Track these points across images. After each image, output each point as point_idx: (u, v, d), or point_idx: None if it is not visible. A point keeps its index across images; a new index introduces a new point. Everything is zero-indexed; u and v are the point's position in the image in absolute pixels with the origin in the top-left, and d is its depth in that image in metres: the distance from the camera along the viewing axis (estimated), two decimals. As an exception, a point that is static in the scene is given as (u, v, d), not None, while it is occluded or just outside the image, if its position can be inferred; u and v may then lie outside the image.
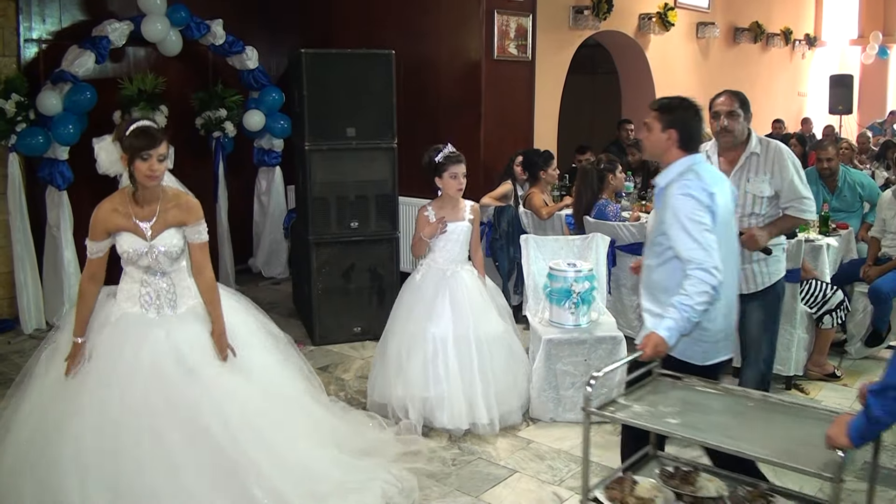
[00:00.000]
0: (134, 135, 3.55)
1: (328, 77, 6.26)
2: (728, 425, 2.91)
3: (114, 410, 3.48)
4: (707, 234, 3.25)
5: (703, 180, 3.36)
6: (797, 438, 2.69)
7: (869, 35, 15.91)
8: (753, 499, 2.88)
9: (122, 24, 7.13)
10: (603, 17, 8.56)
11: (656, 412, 2.92)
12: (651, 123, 3.53)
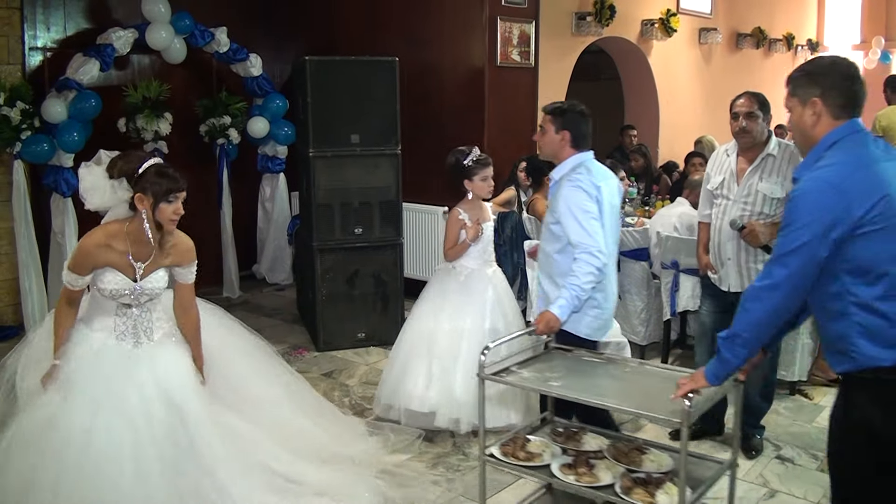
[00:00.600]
0: (157, 175, 3.44)
1: (332, 84, 6.28)
2: (602, 386, 3.32)
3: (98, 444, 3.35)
4: (593, 222, 3.69)
5: (593, 175, 3.79)
6: (660, 395, 2.99)
7: (871, 40, 15.90)
8: (629, 451, 3.24)
9: (127, 31, 7.16)
10: (605, 23, 8.57)
11: (542, 377, 3.31)
12: (546, 126, 3.90)
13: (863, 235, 2.45)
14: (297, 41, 9.00)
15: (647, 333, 6.28)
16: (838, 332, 2.57)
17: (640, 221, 6.54)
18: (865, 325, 2.50)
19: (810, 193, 2.51)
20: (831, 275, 2.52)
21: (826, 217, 2.45)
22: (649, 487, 2.96)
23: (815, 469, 4.44)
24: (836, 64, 2.70)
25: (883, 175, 2.49)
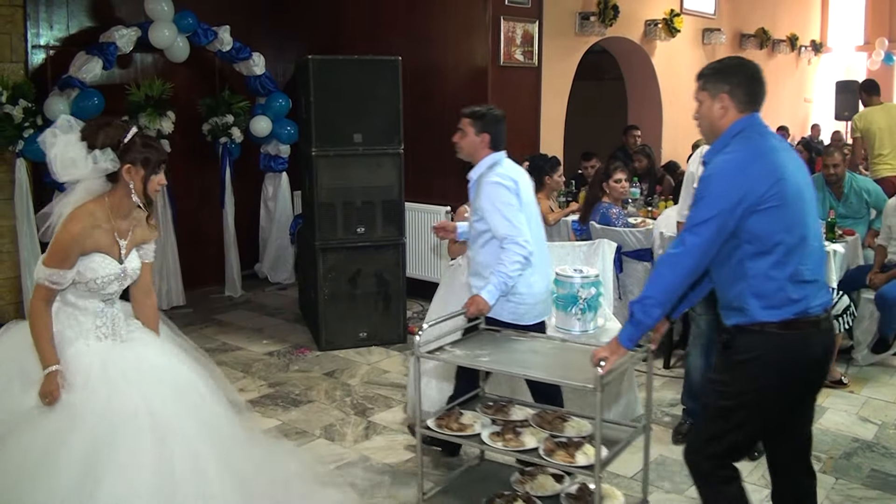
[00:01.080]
0: (145, 145, 3.22)
1: (335, 83, 6.27)
2: (527, 360, 3.62)
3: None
4: (517, 214, 3.98)
5: (510, 171, 4.09)
6: (579, 366, 3.28)
7: (875, 41, 15.88)
8: (553, 419, 3.54)
9: (130, 30, 7.15)
10: (609, 23, 8.56)
11: (472, 354, 3.59)
12: (465, 128, 4.22)
13: (761, 211, 2.84)
14: (299, 40, 9.00)
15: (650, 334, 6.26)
16: (737, 292, 2.97)
17: (644, 222, 6.53)
18: (758, 288, 2.90)
19: (720, 174, 2.91)
20: (734, 244, 2.91)
21: (732, 195, 2.84)
22: (570, 449, 3.27)
23: (817, 470, 4.40)
24: (744, 65, 3.10)
25: (779, 162, 2.92)
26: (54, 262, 3.13)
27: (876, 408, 5.33)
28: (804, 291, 2.92)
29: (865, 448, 4.73)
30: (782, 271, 2.88)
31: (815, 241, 2.99)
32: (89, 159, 3.14)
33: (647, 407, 3.72)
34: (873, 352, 6.08)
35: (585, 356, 3.26)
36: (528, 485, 3.68)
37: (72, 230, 3.13)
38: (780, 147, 2.99)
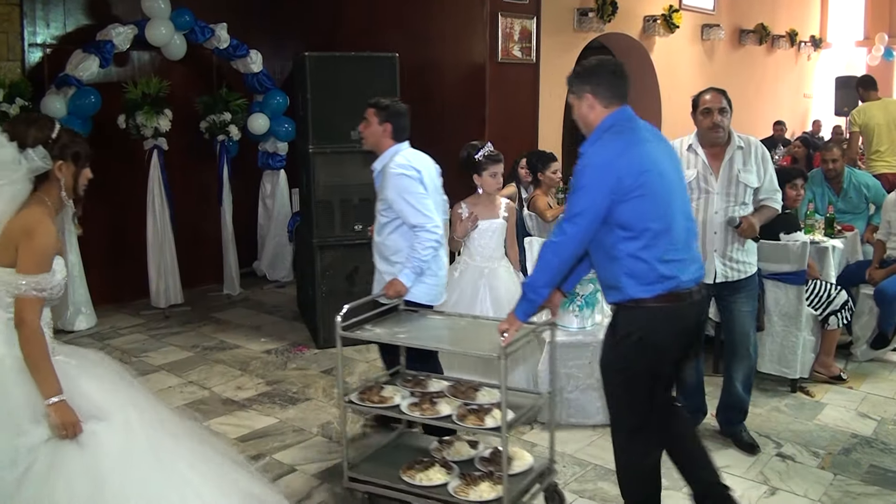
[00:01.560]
0: (72, 137, 3.06)
1: (332, 80, 6.25)
2: (440, 335, 4.04)
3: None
4: (425, 201, 4.24)
5: (412, 160, 4.32)
6: (488, 339, 3.61)
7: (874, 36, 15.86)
8: (466, 389, 3.91)
9: (127, 28, 7.14)
10: (607, 19, 8.55)
11: (391, 332, 3.92)
12: (370, 118, 4.47)
13: (631, 200, 3.11)
14: (297, 37, 8.99)
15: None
16: (612, 272, 3.27)
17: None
18: (631, 268, 3.19)
19: (593, 167, 3.18)
20: (607, 230, 3.18)
21: (605, 185, 3.11)
22: (480, 414, 3.62)
23: (815, 467, 4.42)
24: (602, 63, 3.39)
25: (645, 154, 3.18)
26: (39, 267, 2.89)
27: (875, 403, 5.32)
28: (674, 269, 3.22)
29: (864, 444, 4.71)
30: (651, 253, 3.16)
31: (683, 222, 3.27)
32: (23, 159, 2.92)
33: (553, 376, 4.15)
34: (872, 347, 6.07)
35: (492, 331, 3.55)
36: (446, 451, 4.01)
37: (49, 229, 2.93)
38: (650, 139, 3.26)
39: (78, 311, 7.09)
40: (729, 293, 4.56)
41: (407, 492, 3.75)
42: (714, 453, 4.53)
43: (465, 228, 5.02)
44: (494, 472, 3.75)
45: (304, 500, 4.12)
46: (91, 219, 7.43)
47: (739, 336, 4.62)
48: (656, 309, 3.21)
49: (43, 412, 2.84)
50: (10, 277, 2.87)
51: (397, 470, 3.84)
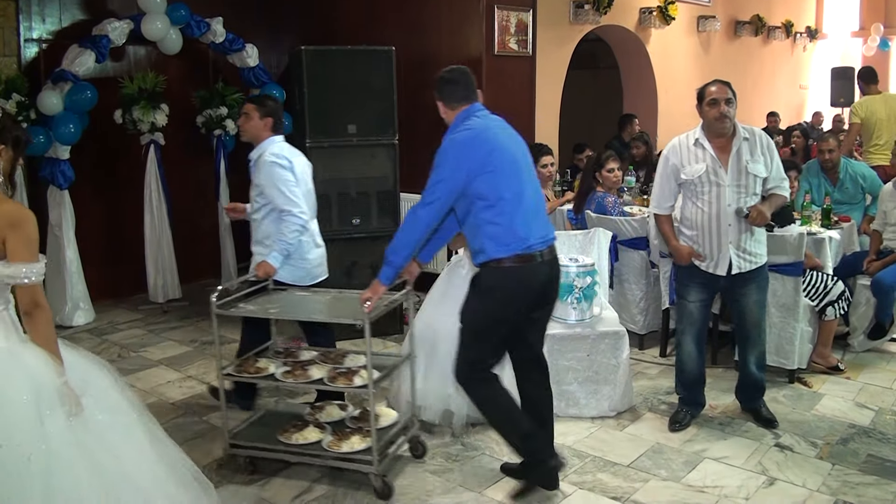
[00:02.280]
0: (13, 122, 3.04)
1: (328, 74, 6.25)
2: (310, 308, 4.48)
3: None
4: (294, 188, 4.62)
5: (285, 152, 4.70)
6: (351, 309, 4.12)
7: (870, 27, 15.86)
8: (335, 356, 4.40)
9: (122, 22, 7.12)
10: (603, 11, 8.54)
11: (262, 308, 4.31)
12: (251, 113, 4.78)
13: (485, 174, 3.68)
14: (293, 31, 8.97)
15: (646, 322, 6.28)
16: (477, 238, 3.80)
17: (640, 211, 6.53)
18: (490, 233, 3.73)
19: (452, 147, 3.75)
20: (469, 202, 3.74)
21: (461, 164, 3.69)
22: (348, 376, 4.10)
23: (814, 457, 4.43)
24: (442, 76, 3.94)
25: (495, 137, 3.78)
26: (35, 255, 2.91)
27: (872, 393, 5.33)
28: (526, 232, 3.74)
29: (862, 434, 4.73)
30: (507, 219, 3.70)
31: (532, 193, 3.84)
32: None
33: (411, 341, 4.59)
34: (870, 338, 6.08)
35: (356, 302, 4.01)
36: (318, 414, 4.39)
37: (33, 217, 2.93)
38: (496, 127, 3.86)
39: (76, 307, 7.09)
40: (741, 285, 4.63)
41: (285, 451, 4.16)
42: (713, 444, 4.58)
43: None
44: (363, 427, 4.20)
45: (303, 493, 4.12)
46: (88, 214, 7.46)
47: (751, 325, 4.74)
48: (513, 267, 3.74)
49: (54, 395, 2.84)
50: (10, 270, 2.85)
51: (275, 434, 4.22)
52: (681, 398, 4.96)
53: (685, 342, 4.83)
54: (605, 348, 4.98)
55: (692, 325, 4.78)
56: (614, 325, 5.09)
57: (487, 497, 4.06)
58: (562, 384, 4.95)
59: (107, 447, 2.94)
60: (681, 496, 4.04)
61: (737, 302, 4.73)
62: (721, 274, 4.59)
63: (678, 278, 4.90)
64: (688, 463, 4.38)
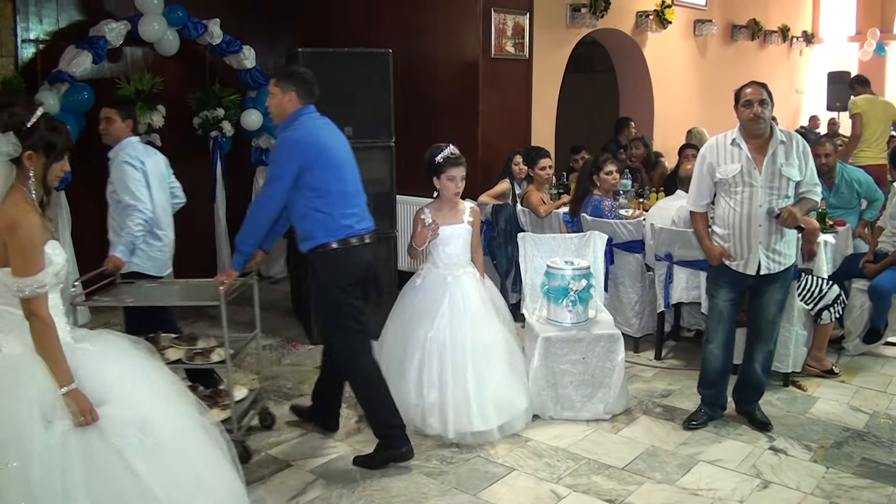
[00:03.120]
0: (51, 129, 2.99)
1: (325, 76, 6.18)
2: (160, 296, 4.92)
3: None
4: (141, 188, 4.96)
5: (138, 152, 5.06)
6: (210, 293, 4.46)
7: (867, 32, 15.88)
8: (188, 339, 4.71)
9: (119, 24, 7.12)
10: (600, 14, 8.55)
11: (118, 298, 4.65)
12: (113, 117, 5.11)
13: (315, 169, 4.17)
14: (290, 33, 8.97)
15: (641, 325, 6.28)
16: (306, 226, 4.29)
17: (638, 213, 6.53)
18: (319, 221, 4.23)
19: (286, 143, 4.22)
20: (301, 193, 4.20)
21: (293, 159, 4.16)
22: (206, 354, 4.49)
23: (808, 460, 4.45)
24: (304, 72, 4.45)
25: (325, 137, 4.30)
26: (34, 264, 2.87)
27: (867, 397, 5.35)
28: (350, 220, 4.30)
29: (856, 437, 4.74)
30: (334, 208, 4.23)
31: (354, 186, 4.40)
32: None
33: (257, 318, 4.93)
34: (865, 342, 6.09)
35: (209, 287, 4.48)
36: None
37: (32, 221, 2.89)
38: (325, 128, 4.37)
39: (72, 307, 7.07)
40: (767, 283, 4.68)
41: None
42: (708, 447, 4.59)
43: (425, 237, 4.81)
44: (220, 400, 4.55)
45: (298, 495, 4.13)
46: (84, 215, 7.44)
47: (766, 323, 4.78)
48: (339, 249, 4.27)
49: (59, 403, 2.85)
50: (10, 280, 2.87)
51: None
52: (702, 398, 4.97)
53: (713, 340, 4.86)
54: (600, 351, 4.99)
55: (721, 323, 4.81)
56: (609, 328, 5.10)
57: (482, 500, 4.06)
58: (557, 387, 4.96)
59: (124, 459, 2.87)
60: (675, 499, 4.05)
61: (759, 298, 4.77)
62: (751, 273, 4.63)
63: (709, 277, 4.98)
64: (682, 466, 4.39)
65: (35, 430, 2.79)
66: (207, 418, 3.40)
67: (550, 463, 4.44)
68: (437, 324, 4.76)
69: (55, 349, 2.89)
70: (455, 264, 4.92)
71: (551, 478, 4.27)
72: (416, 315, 4.86)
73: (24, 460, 2.74)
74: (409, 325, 4.85)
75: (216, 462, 3.25)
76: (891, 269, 5.91)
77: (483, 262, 5.20)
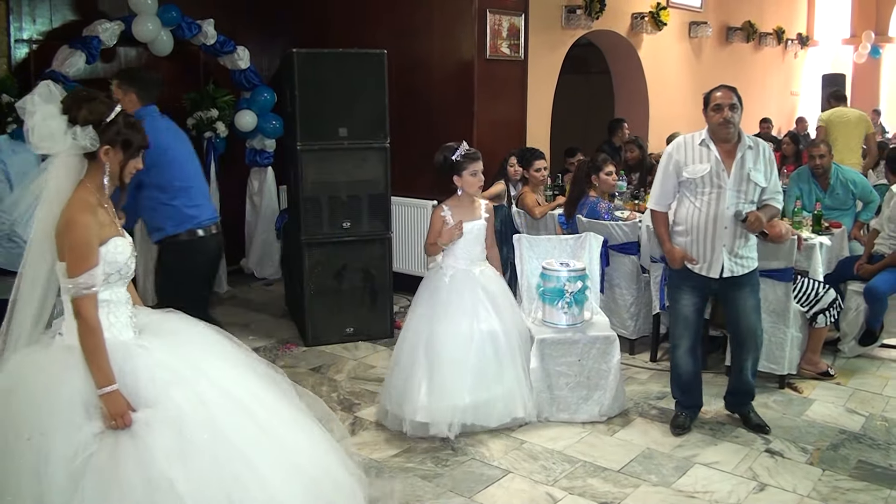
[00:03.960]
0: (130, 125, 3.03)
1: (320, 77, 6.23)
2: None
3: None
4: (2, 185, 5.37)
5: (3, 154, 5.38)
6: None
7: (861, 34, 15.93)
8: None
9: (113, 24, 7.09)
10: (595, 16, 8.54)
11: None
12: None
13: (159, 166, 4.42)
14: (284, 34, 8.94)
15: (637, 327, 6.27)
16: (154, 219, 4.72)
17: (632, 215, 6.52)
18: (166, 214, 4.66)
19: None
20: (147, 190, 4.57)
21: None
22: None
23: (804, 462, 4.43)
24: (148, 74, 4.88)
25: (167, 136, 4.61)
26: (82, 265, 2.89)
27: (863, 399, 5.34)
28: (195, 211, 4.73)
29: (853, 439, 4.73)
30: (179, 201, 4.63)
31: (198, 181, 4.86)
32: (68, 134, 2.90)
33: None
34: (861, 344, 6.08)
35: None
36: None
37: (84, 222, 2.90)
38: (165, 128, 4.69)
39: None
40: (734, 289, 4.64)
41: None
42: (704, 449, 4.58)
43: (452, 235, 4.83)
44: None
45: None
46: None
47: (746, 330, 4.72)
48: (188, 240, 4.71)
49: (97, 402, 2.85)
50: (62, 278, 2.93)
51: None
52: (678, 402, 4.94)
53: (680, 346, 4.82)
54: (595, 353, 4.97)
55: (687, 329, 4.77)
56: (605, 330, 5.09)
57: (477, 502, 4.04)
58: (552, 389, 4.95)
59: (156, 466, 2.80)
60: (671, 501, 4.04)
61: (732, 306, 4.73)
62: (713, 276, 4.59)
63: (671, 282, 4.90)
64: (678, 468, 4.38)
65: (76, 418, 2.81)
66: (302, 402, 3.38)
67: (546, 465, 4.42)
68: (482, 316, 4.79)
69: (96, 352, 2.89)
70: (478, 260, 4.98)
71: (547, 480, 4.25)
72: (451, 309, 4.79)
73: (40, 454, 2.74)
74: (447, 319, 4.77)
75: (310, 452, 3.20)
76: (887, 272, 5.90)
77: (500, 259, 5.30)
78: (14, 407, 2.84)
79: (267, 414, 3.15)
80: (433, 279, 4.98)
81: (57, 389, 2.86)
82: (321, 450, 3.28)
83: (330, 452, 3.30)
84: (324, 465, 3.24)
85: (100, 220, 2.95)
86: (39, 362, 2.95)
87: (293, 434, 3.21)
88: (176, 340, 3.18)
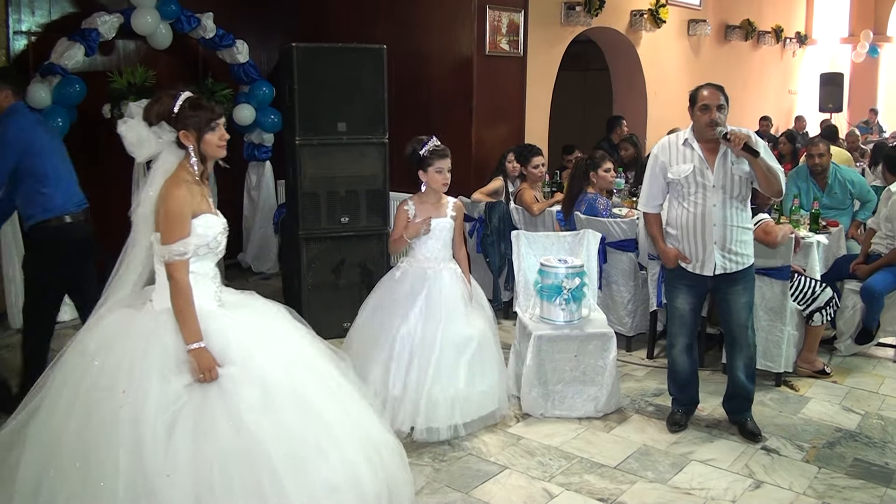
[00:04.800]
0: (192, 108, 3.34)
1: (319, 71, 6.22)
2: None
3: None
4: None
5: None
6: None
7: (860, 33, 15.95)
8: None
9: (112, 16, 7.08)
10: (595, 13, 8.55)
11: None
12: None
13: (31, 156, 4.81)
14: (283, 28, 8.94)
15: (634, 324, 6.27)
16: (26, 207, 4.91)
17: (630, 212, 6.52)
18: (38, 202, 4.89)
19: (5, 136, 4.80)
20: (24, 179, 4.84)
21: (14, 149, 4.78)
22: None
23: (800, 460, 4.44)
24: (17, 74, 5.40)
25: (36, 129, 4.94)
26: (176, 234, 3.23)
27: (859, 398, 5.35)
28: (63, 199, 4.95)
29: (849, 437, 4.74)
30: (49, 189, 4.86)
31: (66, 170, 5.03)
32: (152, 135, 3.31)
33: None
34: (857, 343, 6.09)
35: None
36: None
37: (177, 195, 3.24)
38: (35, 121, 5.04)
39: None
40: (727, 285, 4.62)
41: None
42: (700, 446, 4.59)
43: (417, 230, 4.75)
44: None
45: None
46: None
47: (738, 327, 4.68)
48: (58, 226, 4.90)
49: (185, 358, 3.15)
50: (157, 246, 3.27)
51: None
52: (674, 399, 4.95)
53: (676, 343, 4.82)
54: (592, 349, 4.98)
55: (683, 327, 4.77)
56: (602, 327, 5.09)
57: (474, 498, 4.05)
58: (549, 384, 4.95)
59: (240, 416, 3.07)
60: (668, 498, 4.04)
61: (723, 303, 4.71)
62: (707, 274, 4.58)
63: (667, 281, 4.90)
64: (675, 465, 4.39)
65: (168, 372, 3.10)
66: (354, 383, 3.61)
67: (543, 461, 4.43)
68: (410, 318, 4.69)
69: (186, 310, 3.20)
70: (436, 258, 4.85)
71: (544, 476, 4.26)
72: (391, 307, 4.78)
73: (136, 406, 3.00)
74: (384, 316, 4.77)
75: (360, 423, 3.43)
76: (883, 271, 5.91)
77: (467, 260, 5.12)
78: (111, 362, 3.12)
79: (336, 386, 3.47)
80: (388, 274, 4.99)
81: (149, 346, 3.15)
82: (376, 421, 3.58)
83: (378, 423, 3.58)
84: (383, 435, 3.54)
85: (193, 195, 3.29)
86: (132, 322, 3.25)
87: (357, 406, 3.51)
88: (256, 312, 3.51)
